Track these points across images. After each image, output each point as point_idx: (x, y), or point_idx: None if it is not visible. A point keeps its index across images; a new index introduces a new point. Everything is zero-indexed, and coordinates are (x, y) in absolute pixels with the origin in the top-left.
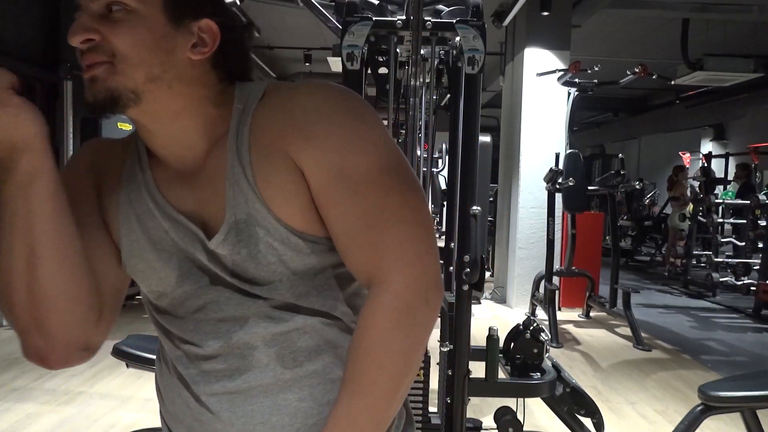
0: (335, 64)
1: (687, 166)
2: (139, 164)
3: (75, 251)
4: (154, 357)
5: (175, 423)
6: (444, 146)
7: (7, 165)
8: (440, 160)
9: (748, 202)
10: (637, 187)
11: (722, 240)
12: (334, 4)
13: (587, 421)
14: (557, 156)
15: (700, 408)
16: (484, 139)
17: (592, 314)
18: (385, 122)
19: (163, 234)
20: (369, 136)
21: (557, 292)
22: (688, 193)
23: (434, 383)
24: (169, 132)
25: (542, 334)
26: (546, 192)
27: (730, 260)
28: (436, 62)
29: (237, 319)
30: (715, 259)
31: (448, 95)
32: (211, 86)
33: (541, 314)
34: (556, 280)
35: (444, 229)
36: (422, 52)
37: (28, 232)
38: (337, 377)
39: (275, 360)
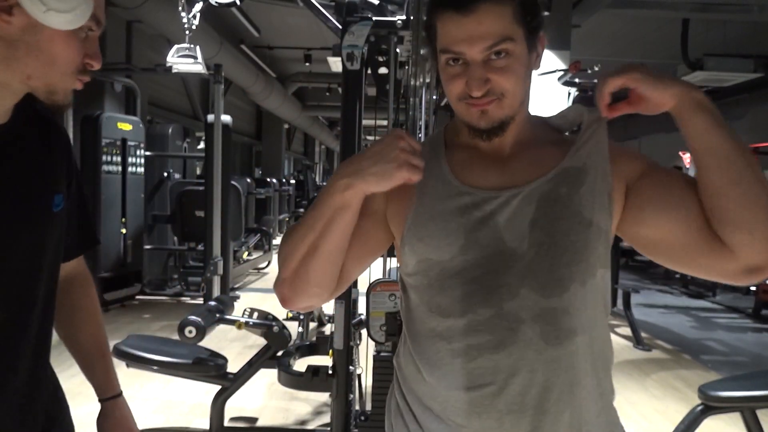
0: (335, 64)
1: (687, 166)
2: (436, 158)
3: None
4: (153, 357)
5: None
6: None
7: (345, 208)
8: None
9: None
10: None
11: None
12: (334, 4)
13: None
14: None
15: (700, 408)
16: None
17: None
18: (385, 122)
19: (448, 208)
20: None
21: None
22: None
23: None
24: (509, 132)
25: None
26: None
27: None
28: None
29: (510, 288)
30: None
31: None
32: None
33: None
34: None
35: None
36: (422, 52)
37: (339, 241)
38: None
39: (539, 336)
